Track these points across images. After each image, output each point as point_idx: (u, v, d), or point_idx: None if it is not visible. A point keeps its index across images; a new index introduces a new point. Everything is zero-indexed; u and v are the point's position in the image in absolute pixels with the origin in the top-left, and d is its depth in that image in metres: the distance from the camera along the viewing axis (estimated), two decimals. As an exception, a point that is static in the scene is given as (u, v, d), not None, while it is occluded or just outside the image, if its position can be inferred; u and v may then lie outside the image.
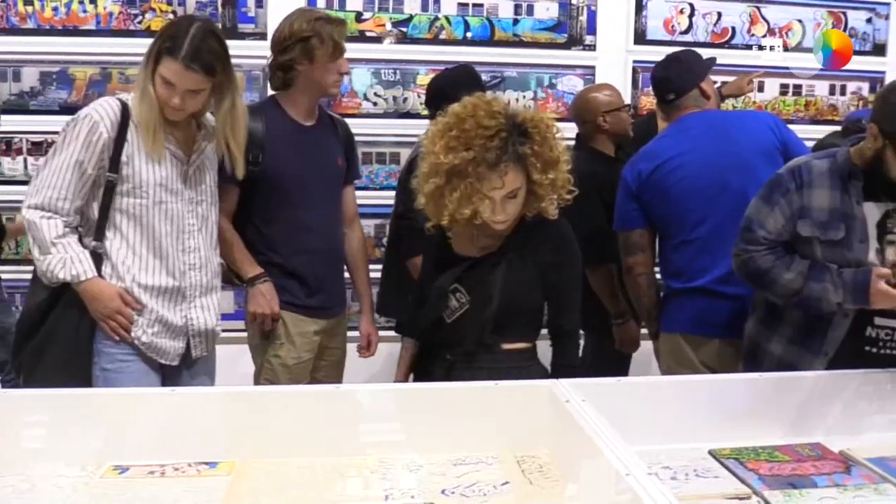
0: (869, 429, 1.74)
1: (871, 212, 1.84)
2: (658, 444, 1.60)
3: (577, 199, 1.83)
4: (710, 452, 1.60)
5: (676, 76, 2.38)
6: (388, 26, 3.24)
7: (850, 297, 1.80)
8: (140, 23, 3.11)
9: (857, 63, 3.52)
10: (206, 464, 1.48)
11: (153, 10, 3.08)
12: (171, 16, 3.04)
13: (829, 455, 1.60)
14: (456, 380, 1.74)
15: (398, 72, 3.27)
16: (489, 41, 3.31)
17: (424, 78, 3.25)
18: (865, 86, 3.66)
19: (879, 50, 3.64)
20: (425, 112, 3.19)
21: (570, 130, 2.78)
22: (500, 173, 1.69)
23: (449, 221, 1.76)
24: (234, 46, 2.99)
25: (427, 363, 1.90)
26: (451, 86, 2.55)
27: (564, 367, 1.82)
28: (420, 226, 1.94)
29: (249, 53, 2.99)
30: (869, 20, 3.64)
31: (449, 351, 1.82)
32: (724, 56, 3.40)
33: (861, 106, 3.67)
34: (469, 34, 3.29)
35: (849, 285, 1.79)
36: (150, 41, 1.91)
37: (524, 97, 3.33)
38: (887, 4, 3.64)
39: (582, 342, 2.69)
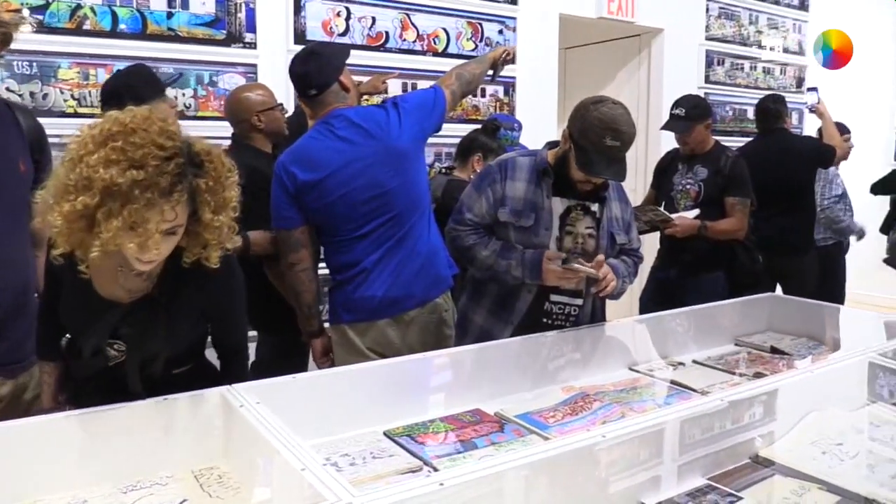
0: (518, 389, 1.97)
1: (557, 206, 2.17)
2: (337, 433, 1.65)
3: (249, 199, 1.73)
4: (385, 433, 1.69)
5: (316, 71, 2.33)
6: (26, 12, 2.85)
7: (528, 272, 2.11)
8: None
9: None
10: None
11: None
12: None
13: (487, 418, 1.80)
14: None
15: (35, 64, 2.89)
16: (142, 34, 3.09)
17: (67, 72, 2.93)
18: (501, 89, 4.16)
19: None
20: (71, 110, 2.92)
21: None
22: (172, 204, 1.41)
23: (100, 253, 1.42)
24: None
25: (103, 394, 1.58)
26: (127, 86, 2.39)
27: (235, 381, 1.71)
28: None
29: None
30: (501, 31, 4.14)
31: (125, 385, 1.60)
32: (379, 59, 3.64)
33: (498, 108, 4.17)
34: (123, 26, 3.04)
35: (527, 263, 2.11)
36: None
37: (184, 95, 3.17)
38: (514, 18, 4.18)
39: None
